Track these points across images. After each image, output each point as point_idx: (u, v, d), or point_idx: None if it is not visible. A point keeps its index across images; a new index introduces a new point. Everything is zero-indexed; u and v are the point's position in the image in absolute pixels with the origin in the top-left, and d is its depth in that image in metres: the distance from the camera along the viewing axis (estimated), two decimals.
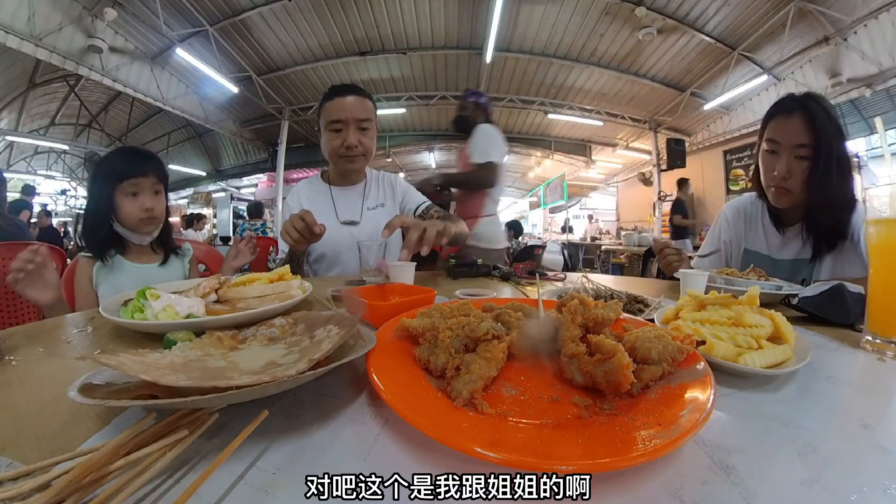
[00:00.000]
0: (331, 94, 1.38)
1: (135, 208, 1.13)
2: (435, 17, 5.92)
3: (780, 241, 1.19)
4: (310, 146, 9.93)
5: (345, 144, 1.36)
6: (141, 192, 1.14)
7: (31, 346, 0.57)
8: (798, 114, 1.03)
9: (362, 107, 1.37)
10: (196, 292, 0.68)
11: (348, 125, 1.35)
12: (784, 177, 1.06)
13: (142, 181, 1.13)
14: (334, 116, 1.35)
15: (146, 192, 1.15)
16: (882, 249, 0.59)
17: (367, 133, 1.39)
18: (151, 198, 1.16)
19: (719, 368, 0.45)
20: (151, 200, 1.15)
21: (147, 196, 1.14)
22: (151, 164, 1.17)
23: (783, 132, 1.06)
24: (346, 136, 1.35)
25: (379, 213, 1.48)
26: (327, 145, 1.40)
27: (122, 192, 1.12)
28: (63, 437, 0.33)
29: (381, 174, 1.60)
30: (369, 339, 0.45)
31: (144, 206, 1.13)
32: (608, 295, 0.85)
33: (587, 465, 0.26)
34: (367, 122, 1.37)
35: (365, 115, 1.37)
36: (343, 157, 1.39)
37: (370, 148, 1.42)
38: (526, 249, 5.30)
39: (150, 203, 1.15)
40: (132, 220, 1.13)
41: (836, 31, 4.97)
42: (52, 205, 10.48)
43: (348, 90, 1.38)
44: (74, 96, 7.76)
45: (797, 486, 0.27)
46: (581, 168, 10.96)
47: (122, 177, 1.12)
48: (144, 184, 1.14)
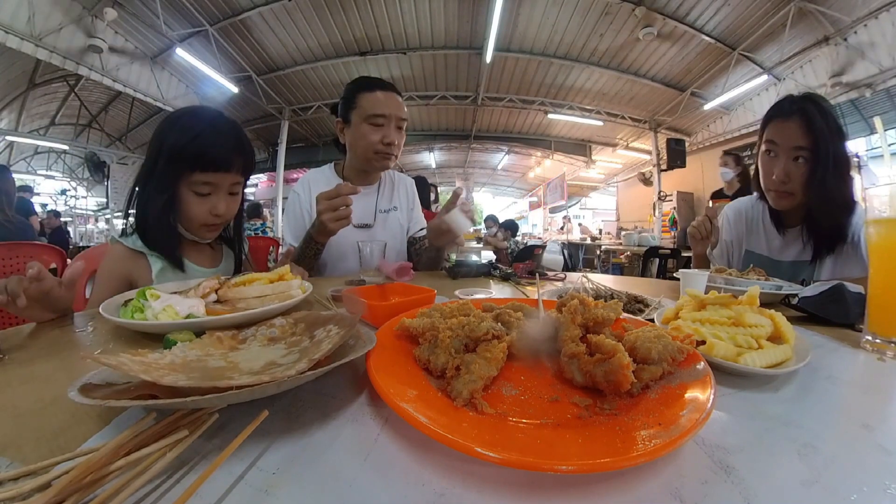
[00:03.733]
0: (370, 86, 1.30)
1: (202, 211, 0.87)
2: (435, 16, 5.92)
3: (781, 243, 1.19)
4: (310, 146, 9.93)
5: (385, 140, 1.28)
6: (215, 193, 0.87)
7: (32, 346, 0.57)
8: (796, 116, 1.03)
9: (401, 105, 1.32)
10: (196, 292, 0.68)
11: (390, 122, 1.28)
12: (783, 180, 1.06)
13: (220, 178, 0.86)
14: (378, 110, 1.27)
15: (221, 193, 0.88)
16: (882, 249, 0.59)
17: (402, 133, 1.35)
18: (225, 200, 0.89)
19: (719, 368, 0.45)
20: (225, 204, 0.89)
21: (221, 198, 0.88)
22: (237, 157, 0.87)
23: (781, 135, 1.06)
24: (388, 132, 1.28)
25: (391, 216, 1.44)
26: (364, 139, 1.29)
27: (189, 185, 0.85)
28: (63, 437, 0.33)
29: (395, 174, 1.55)
30: (369, 339, 0.45)
31: (216, 210, 0.88)
32: (608, 295, 0.85)
33: (587, 465, 0.26)
34: (403, 123, 1.33)
35: (404, 115, 1.32)
36: (380, 153, 1.30)
37: (401, 148, 1.37)
38: (526, 249, 5.29)
39: (223, 208, 0.88)
40: (194, 224, 0.89)
41: (836, 31, 4.96)
42: (51, 205, 10.48)
43: (389, 86, 1.31)
44: (74, 96, 7.75)
45: (797, 485, 0.27)
46: (581, 168, 10.97)
47: (193, 166, 0.83)
48: (222, 183, 0.87)
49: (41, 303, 0.65)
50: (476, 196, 14.45)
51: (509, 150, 10.61)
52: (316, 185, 1.41)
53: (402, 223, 1.49)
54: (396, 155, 1.35)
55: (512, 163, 12.22)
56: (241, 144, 0.89)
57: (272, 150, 9.38)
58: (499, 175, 13.82)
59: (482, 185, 15.11)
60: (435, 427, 0.29)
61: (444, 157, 11.68)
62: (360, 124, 1.29)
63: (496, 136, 9.95)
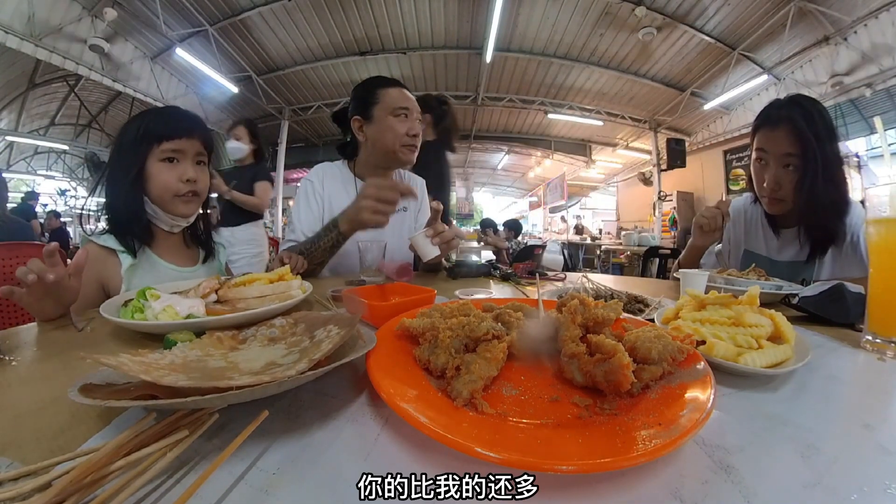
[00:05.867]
0: (388, 83, 1.33)
1: (172, 178, 0.89)
2: (435, 16, 5.92)
3: (778, 244, 1.19)
4: (310, 146, 9.93)
5: (411, 132, 1.28)
6: (182, 159, 0.90)
7: (32, 346, 0.57)
8: (784, 124, 1.03)
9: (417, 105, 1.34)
10: (196, 292, 0.68)
11: (412, 114, 1.30)
12: (773, 188, 1.07)
13: (184, 144, 0.89)
14: (402, 103, 1.29)
15: (187, 160, 0.91)
16: (882, 249, 0.59)
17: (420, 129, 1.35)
18: (193, 167, 0.91)
19: (719, 368, 0.45)
20: (193, 170, 0.91)
21: (188, 164, 0.91)
22: (197, 126, 0.93)
23: (770, 143, 1.06)
24: (413, 124, 1.29)
25: (401, 217, 1.41)
26: (391, 130, 1.28)
27: (156, 158, 0.88)
28: (63, 438, 0.33)
29: (407, 175, 1.53)
30: (369, 339, 0.45)
31: (186, 175, 0.89)
32: (608, 295, 0.85)
33: (587, 465, 0.26)
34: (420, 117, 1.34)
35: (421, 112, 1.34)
36: (406, 145, 1.30)
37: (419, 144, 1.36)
38: (526, 249, 5.29)
39: (192, 172, 0.90)
40: (167, 193, 0.90)
41: (836, 30, 4.97)
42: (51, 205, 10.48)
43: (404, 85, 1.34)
44: (74, 96, 7.75)
45: (797, 485, 0.27)
46: (581, 168, 10.97)
47: (158, 137, 0.87)
48: (187, 148, 0.90)
49: (53, 295, 0.66)
50: (476, 196, 14.43)
51: (509, 150, 10.61)
52: (330, 178, 1.39)
53: (410, 225, 1.46)
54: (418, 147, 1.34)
55: (512, 163, 12.21)
56: (198, 118, 0.96)
57: (272, 149, 9.36)
58: (499, 175, 13.82)
59: (482, 185, 15.11)
60: (435, 427, 0.29)
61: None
62: (384, 118, 1.28)
63: (496, 136, 9.95)
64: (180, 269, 0.98)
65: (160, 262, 0.94)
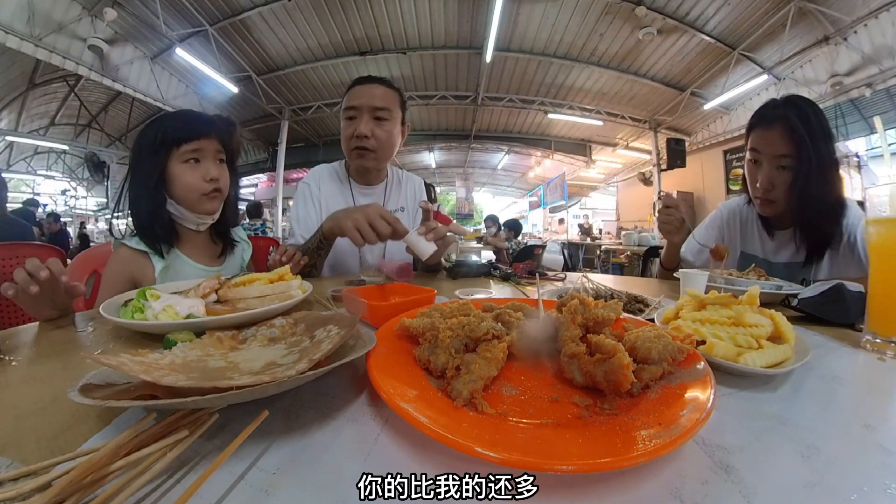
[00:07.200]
0: (355, 82, 1.27)
1: (196, 178, 0.91)
2: (435, 16, 5.92)
3: (774, 246, 1.19)
4: (310, 146, 9.94)
5: (356, 134, 1.20)
6: (203, 159, 0.92)
7: (32, 346, 0.57)
8: (778, 124, 1.02)
9: (380, 94, 1.22)
10: (196, 292, 0.68)
11: (362, 113, 1.20)
12: (766, 188, 1.06)
13: (204, 144, 0.92)
14: (348, 103, 1.23)
15: (209, 159, 0.93)
16: (882, 249, 0.59)
17: (384, 125, 1.24)
18: (216, 166, 0.94)
19: (719, 368, 0.45)
20: (216, 169, 0.94)
21: (210, 163, 0.93)
22: (215, 124, 0.96)
23: (764, 144, 1.06)
24: (358, 124, 1.20)
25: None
26: (343, 133, 1.26)
27: (178, 160, 0.90)
28: (63, 438, 0.33)
29: (404, 174, 1.50)
30: (369, 339, 0.45)
31: (209, 174, 0.92)
32: (608, 295, 0.85)
33: (587, 465, 0.26)
34: (383, 112, 1.22)
35: (382, 104, 1.22)
36: (354, 149, 1.23)
37: (385, 142, 1.25)
38: (526, 249, 5.29)
39: (215, 171, 0.93)
40: (194, 193, 0.92)
41: (836, 30, 4.97)
42: (51, 205, 10.48)
43: (373, 78, 1.26)
44: (74, 96, 7.75)
45: (797, 485, 0.27)
46: (581, 168, 10.98)
47: (178, 140, 0.90)
48: (207, 148, 0.92)
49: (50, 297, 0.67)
50: (476, 196, 14.41)
51: (509, 150, 10.62)
52: (327, 181, 1.37)
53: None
54: (377, 150, 1.26)
55: (512, 163, 12.22)
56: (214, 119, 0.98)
57: (272, 150, 9.38)
58: (499, 175, 13.83)
59: (482, 185, 15.12)
60: (435, 427, 0.29)
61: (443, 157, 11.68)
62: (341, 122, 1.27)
63: (496, 136, 9.96)
64: (207, 268, 1.00)
65: (188, 263, 0.98)
